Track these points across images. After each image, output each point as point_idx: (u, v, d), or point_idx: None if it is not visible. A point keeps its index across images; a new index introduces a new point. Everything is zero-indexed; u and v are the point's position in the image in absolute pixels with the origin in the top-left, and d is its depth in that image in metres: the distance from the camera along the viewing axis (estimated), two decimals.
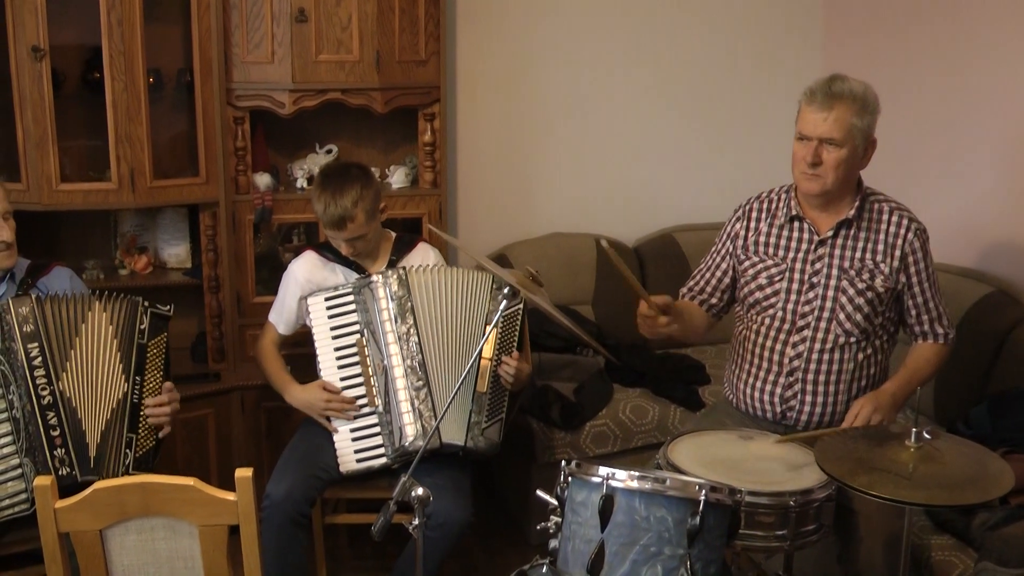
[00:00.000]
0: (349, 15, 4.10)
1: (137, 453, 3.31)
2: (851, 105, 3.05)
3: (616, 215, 5.15)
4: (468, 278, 3.59)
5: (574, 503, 2.51)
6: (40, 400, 3.22)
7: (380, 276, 3.55)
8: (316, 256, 3.74)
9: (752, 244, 3.33)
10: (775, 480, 2.78)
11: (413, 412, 3.48)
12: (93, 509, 2.29)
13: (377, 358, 3.54)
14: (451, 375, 3.51)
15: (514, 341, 3.57)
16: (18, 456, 3.21)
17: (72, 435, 3.24)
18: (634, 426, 4.23)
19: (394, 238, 3.80)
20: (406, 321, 3.52)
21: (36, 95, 3.89)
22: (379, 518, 2.74)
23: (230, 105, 4.17)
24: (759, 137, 5.19)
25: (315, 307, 3.59)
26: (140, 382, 3.33)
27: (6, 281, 3.43)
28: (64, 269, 3.60)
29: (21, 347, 3.22)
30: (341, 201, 3.50)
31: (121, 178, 4.01)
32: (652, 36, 5.06)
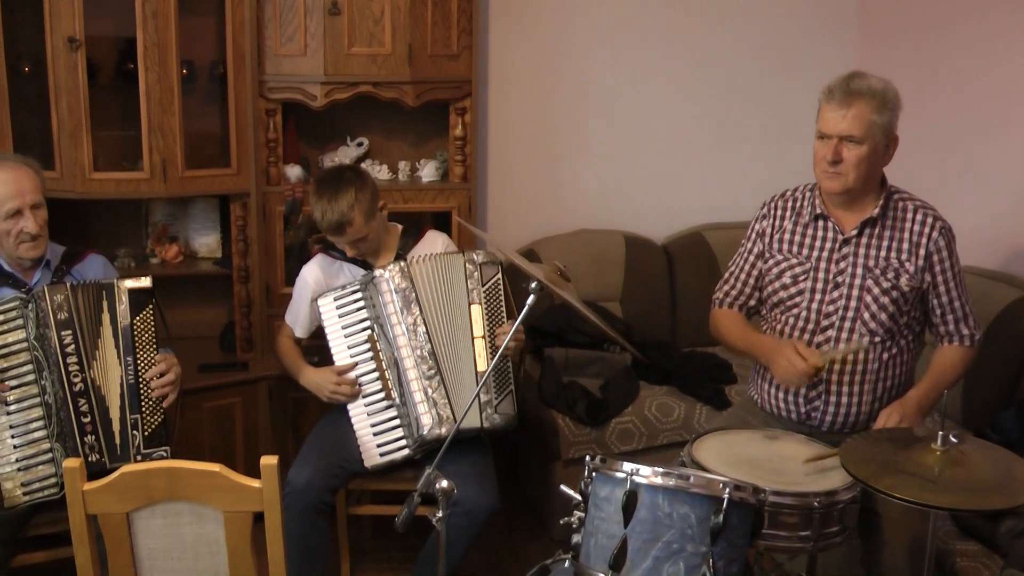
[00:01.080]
0: (382, 8, 4.11)
1: (145, 432, 3.34)
2: (870, 102, 3.03)
3: (645, 212, 5.14)
4: (447, 262, 3.62)
5: (598, 498, 2.52)
6: (72, 387, 3.27)
7: (383, 271, 3.58)
8: (325, 257, 3.77)
9: (777, 243, 3.31)
10: (799, 480, 2.77)
11: (427, 401, 3.51)
12: (120, 492, 2.32)
13: (388, 351, 3.56)
14: (459, 361, 3.55)
15: (502, 312, 3.60)
16: (49, 441, 3.26)
17: (102, 422, 3.29)
18: (660, 424, 4.23)
19: (400, 231, 3.81)
20: (412, 312, 3.55)
21: (71, 85, 3.94)
22: (403, 510, 2.76)
23: (262, 97, 4.19)
24: (791, 135, 5.16)
25: (325, 307, 3.63)
26: (133, 362, 3.35)
27: (41, 268, 3.47)
28: (98, 256, 3.65)
29: (55, 334, 3.27)
30: (337, 206, 3.51)
31: (153, 168, 4.05)
32: (684, 33, 5.05)
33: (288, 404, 4.28)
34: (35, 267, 3.47)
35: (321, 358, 3.73)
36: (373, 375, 3.58)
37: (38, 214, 3.37)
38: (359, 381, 3.59)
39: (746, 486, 2.47)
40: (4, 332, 3.27)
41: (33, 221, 3.35)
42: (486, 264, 3.61)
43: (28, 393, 3.28)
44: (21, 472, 3.24)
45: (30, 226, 3.34)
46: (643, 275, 4.90)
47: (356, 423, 3.58)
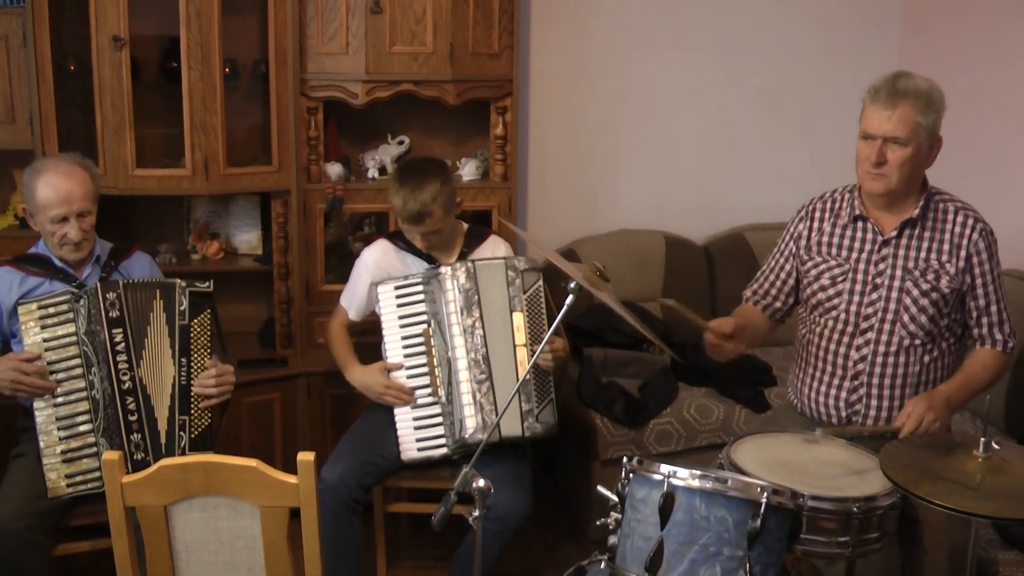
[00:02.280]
0: (424, 7, 4.13)
1: (192, 434, 3.38)
2: (916, 103, 2.99)
3: (685, 212, 5.12)
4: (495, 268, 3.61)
5: (634, 500, 2.51)
6: (121, 385, 3.31)
7: (449, 268, 3.57)
8: (388, 244, 3.78)
9: (815, 244, 3.28)
10: (838, 485, 2.74)
11: (474, 405, 3.50)
12: (158, 485, 2.34)
13: (442, 349, 3.56)
14: (509, 368, 3.54)
15: (543, 320, 3.59)
16: (94, 435, 3.31)
17: (148, 421, 3.32)
18: (698, 425, 4.21)
19: (466, 230, 3.82)
20: (472, 314, 3.54)
21: (115, 83, 3.98)
22: (439, 508, 2.76)
23: (304, 95, 4.22)
24: (833, 135, 5.11)
25: (385, 295, 3.62)
26: (187, 364, 3.39)
27: (91, 263, 3.52)
28: (144, 255, 3.70)
29: (106, 331, 3.31)
30: (420, 196, 3.52)
31: (195, 165, 4.08)
32: (726, 32, 5.03)
33: (327, 401, 4.30)
34: (85, 261, 3.52)
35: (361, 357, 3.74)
36: (422, 370, 3.59)
37: (84, 221, 3.41)
38: (408, 374, 3.60)
39: (784, 490, 2.45)
40: (54, 325, 3.32)
41: (76, 229, 3.39)
42: (527, 271, 3.60)
43: (75, 387, 3.32)
44: (66, 464, 3.28)
45: (73, 233, 3.39)
46: (683, 275, 4.88)
47: (398, 415, 3.59)
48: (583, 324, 4.49)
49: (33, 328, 3.31)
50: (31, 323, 3.31)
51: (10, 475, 3.36)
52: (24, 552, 3.15)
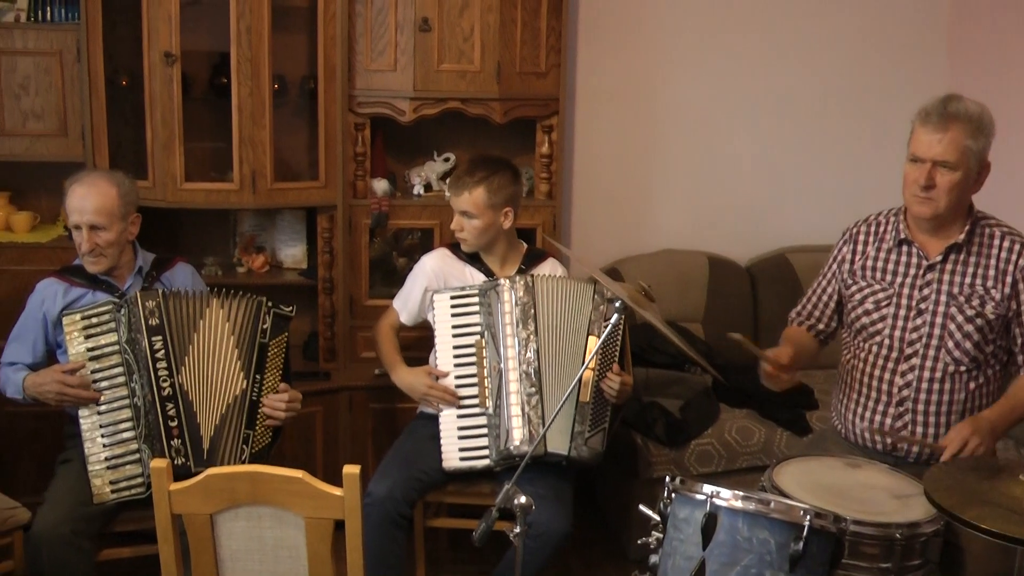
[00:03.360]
0: (472, 26, 4.15)
1: (254, 449, 3.42)
2: (966, 126, 2.97)
3: (729, 233, 5.11)
4: (574, 288, 3.61)
5: (677, 519, 2.51)
6: (160, 391, 3.35)
7: (508, 280, 3.59)
8: (448, 253, 3.82)
9: (859, 268, 3.26)
10: (881, 510, 2.71)
11: (523, 417, 3.50)
12: (205, 493, 2.37)
13: (494, 360, 3.57)
14: (563, 385, 3.53)
15: (616, 354, 3.57)
16: (137, 442, 3.36)
17: (188, 427, 3.37)
18: (739, 447, 4.19)
19: (525, 249, 3.85)
20: (527, 327, 3.55)
21: (166, 98, 4.05)
22: (481, 524, 2.76)
23: (351, 112, 4.26)
24: (878, 157, 5.09)
25: (440, 303, 3.65)
26: (260, 380, 3.45)
27: (133, 274, 3.58)
28: (187, 265, 3.76)
29: (146, 339, 3.35)
30: (472, 173, 3.63)
31: (243, 179, 4.13)
32: (772, 53, 5.02)
33: (368, 415, 4.31)
34: (126, 273, 3.58)
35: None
36: (472, 379, 3.60)
37: (98, 235, 3.46)
38: (457, 384, 3.61)
39: (827, 514, 2.44)
40: (97, 335, 3.38)
41: (87, 240, 3.46)
42: (612, 301, 3.59)
43: (118, 395, 3.37)
44: (110, 471, 3.33)
45: (83, 245, 3.47)
46: (726, 296, 4.86)
47: (443, 423, 3.60)
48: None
49: (77, 338, 3.37)
50: (75, 333, 3.37)
51: (57, 481, 3.42)
52: (70, 557, 3.19)
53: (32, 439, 4.10)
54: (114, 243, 3.49)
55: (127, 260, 3.60)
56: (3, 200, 4.40)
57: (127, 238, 3.56)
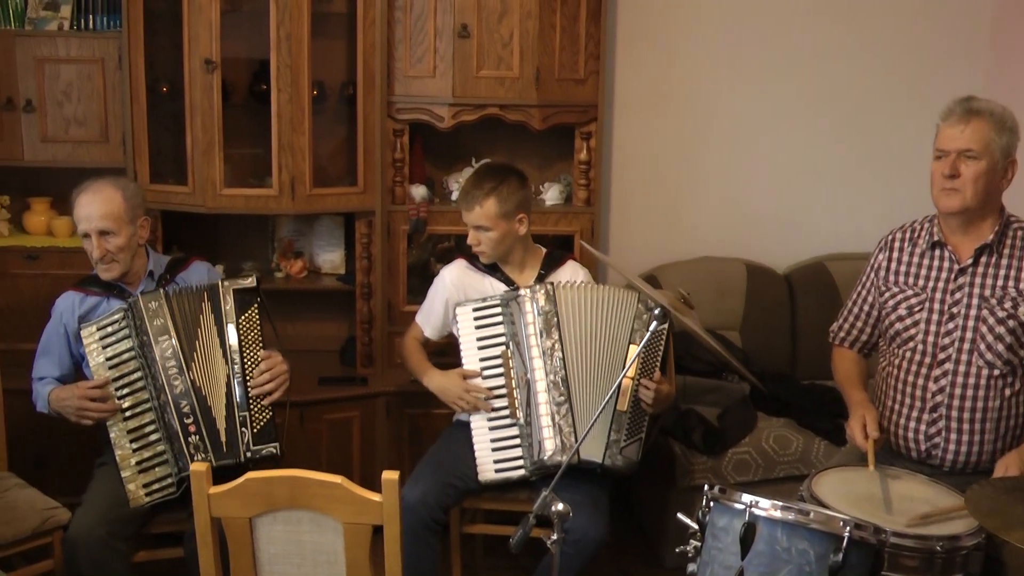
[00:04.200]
0: (511, 32, 4.16)
1: (254, 429, 3.42)
2: (989, 120, 3.01)
3: (767, 240, 5.08)
4: (615, 296, 3.58)
5: (715, 528, 2.50)
6: (173, 390, 3.39)
7: (528, 290, 3.57)
8: (466, 264, 3.80)
9: (893, 274, 3.26)
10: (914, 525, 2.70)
11: (553, 427, 3.49)
12: (244, 497, 2.38)
13: (521, 371, 3.56)
14: (592, 392, 3.52)
15: (657, 362, 3.55)
16: (163, 443, 3.38)
17: (204, 422, 3.39)
18: (777, 456, 4.16)
19: (544, 254, 3.82)
20: (551, 336, 3.53)
21: (206, 105, 4.08)
22: (518, 531, 2.76)
23: (390, 118, 4.27)
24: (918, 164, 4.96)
25: (463, 316, 3.64)
26: (240, 361, 3.44)
27: (145, 279, 3.61)
28: (202, 263, 3.77)
29: (152, 340, 3.38)
30: (480, 184, 3.61)
31: (282, 185, 4.16)
32: (810, 60, 4.98)
33: (405, 420, 4.32)
34: (138, 277, 3.61)
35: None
36: (501, 391, 3.59)
37: (108, 240, 3.47)
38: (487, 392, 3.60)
39: (867, 525, 2.43)
40: (114, 343, 3.42)
41: (97, 247, 3.47)
42: (656, 311, 3.56)
43: (140, 399, 3.41)
44: (141, 474, 3.37)
45: (93, 252, 3.49)
46: (764, 304, 4.83)
47: (476, 435, 3.59)
48: None
49: (96, 349, 3.41)
50: (93, 345, 3.41)
51: (94, 483, 3.46)
52: (106, 558, 3.23)
53: (71, 441, 4.14)
54: (124, 248, 3.50)
55: (140, 265, 3.61)
56: (44, 205, 4.46)
57: (137, 242, 3.57)
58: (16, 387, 3.75)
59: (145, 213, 3.60)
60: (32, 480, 3.68)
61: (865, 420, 3.12)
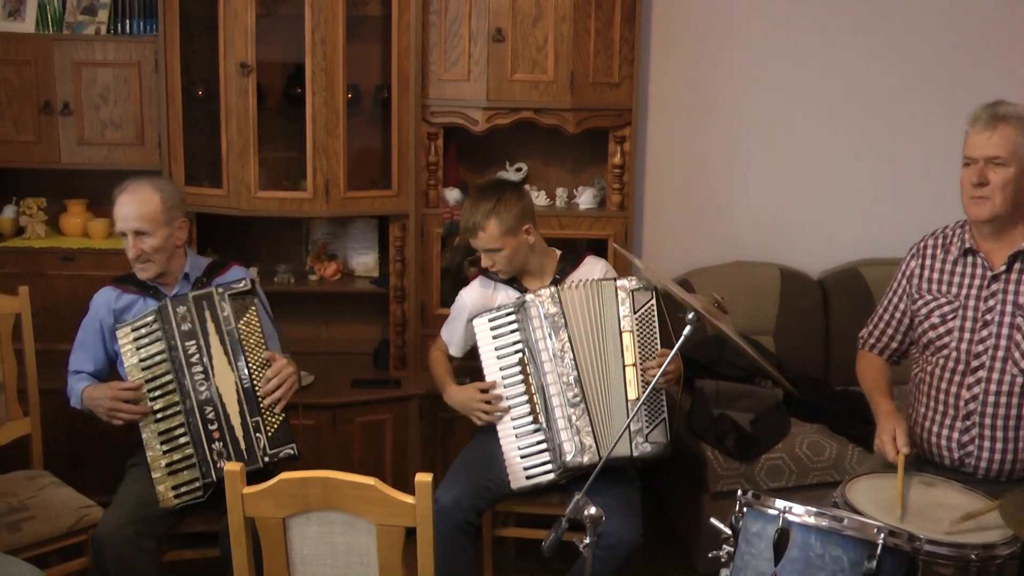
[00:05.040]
0: (545, 36, 4.16)
1: (268, 433, 3.42)
2: (1016, 125, 2.99)
3: (801, 245, 5.06)
4: (601, 289, 3.59)
5: (748, 534, 2.49)
6: (199, 396, 3.40)
7: (534, 296, 3.59)
8: (483, 280, 3.82)
9: (926, 281, 3.23)
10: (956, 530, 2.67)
11: (570, 428, 3.50)
12: (277, 498, 2.39)
13: (537, 376, 3.57)
14: (606, 388, 3.53)
15: (655, 339, 3.55)
16: (191, 447, 3.40)
17: (226, 428, 3.40)
18: (810, 462, 4.14)
19: (559, 256, 3.82)
20: (560, 338, 3.54)
21: (241, 108, 4.11)
22: (550, 534, 2.76)
23: (425, 121, 4.28)
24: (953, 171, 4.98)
25: (480, 328, 3.65)
26: (245, 366, 3.44)
27: (180, 281, 3.62)
28: (241, 268, 3.76)
29: (180, 344, 3.40)
30: (477, 209, 3.60)
31: (316, 188, 4.17)
32: (846, 65, 4.96)
33: (438, 423, 4.34)
34: (174, 279, 3.63)
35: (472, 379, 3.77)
36: (523, 398, 3.60)
37: (144, 240, 3.49)
38: (509, 404, 3.61)
39: (901, 532, 2.41)
40: (147, 345, 3.44)
41: (132, 246, 3.50)
42: (639, 290, 3.58)
43: (171, 401, 3.42)
44: (171, 476, 3.39)
45: (130, 251, 3.51)
46: (797, 309, 4.81)
47: (504, 444, 3.60)
48: (696, 356, 4.46)
49: (130, 349, 3.44)
50: (128, 345, 3.44)
51: (125, 483, 3.49)
52: (133, 557, 3.25)
53: (106, 439, 4.18)
54: (160, 248, 3.52)
55: (177, 266, 3.63)
56: (81, 207, 4.50)
57: (174, 243, 3.58)
58: (52, 387, 3.79)
59: (184, 215, 3.62)
60: (67, 479, 3.72)
61: (895, 433, 3.08)
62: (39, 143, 4.27)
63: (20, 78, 4.22)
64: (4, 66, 4.21)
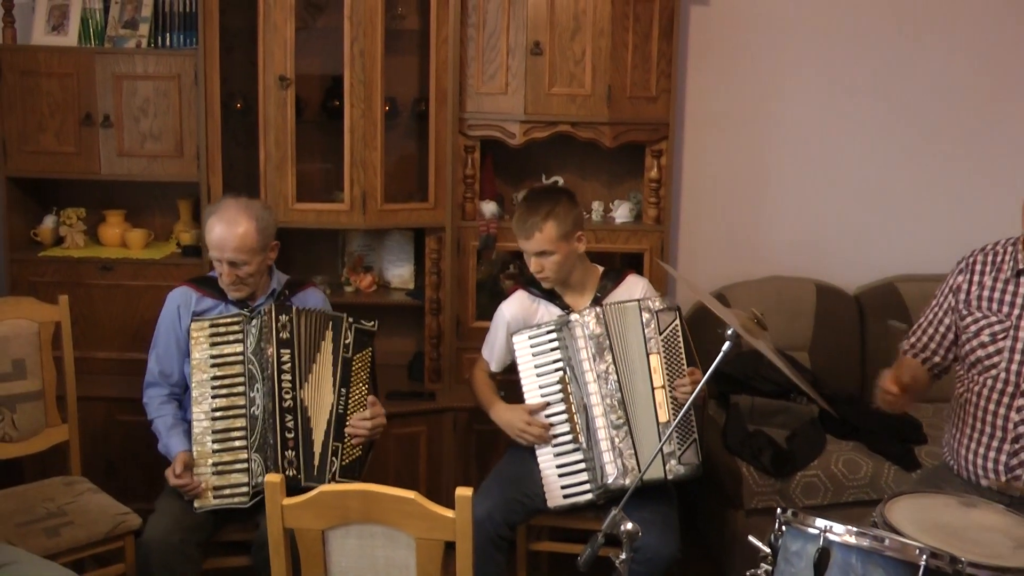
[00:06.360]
0: (583, 50, 4.17)
1: (343, 462, 3.45)
2: None
3: (837, 260, 5.04)
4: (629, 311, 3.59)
5: (788, 552, 2.47)
6: (282, 403, 3.42)
7: (578, 316, 3.58)
8: (524, 294, 3.80)
9: (975, 299, 3.19)
10: (999, 554, 2.63)
11: (613, 451, 3.49)
12: (317, 510, 2.40)
13: (579, 395, 3.57)
14: (642, 410, 3.52)
15: (682, 359, 3.55)
16: (247, 451, 3.42)
17: (303, 440, 3.42)
18: (846, 480, 4.11)
19: (600, 273, 3.82)
20: (604, 359, 3.54)
21: (280, 120, 4.13)
22: (586, 549, 2.75)
23: (462, 134, 4.30)
24: (992, 187, 4.98)
25: (520, 344, 3.65)
26: (345, 394, 3.48)
27: (266, 296, 3.66)
28: (318, 290, 3.83)
29: (275, 349, 3.43)
30: (536, 209, 3.59)
31: (353, 200, 4.19)
32: (882, 79, 4.94)
33: (472, 436, 4.33)
34: (261, 294, 3.66)
35: (509, 392, 3.77)
36: (562, 416, 3.59)
37: (238, 269, 3.51)
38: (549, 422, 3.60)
39: (943, 554, 2.38)
40: (223, 343, 3.47)
41: (228, 275, 3.52)
42: (663, 311, 3.58)
43: (235, 403, 3.45)
44: (215, 476, 3.41)
45: (224, 277, 3.54)
46: (833, 325, 4.79)
47: (542, 462, 3.59)
48: (731, 371, 4.44)
49: (203, 343, 3.46)
50: (201, 339, 3.47)
51: (167, 489, 3.50)
52: (178, 563, 3.28)
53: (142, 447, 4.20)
54: (255, 273, 3.55)
55: (263, 283, 3.66)
56: (119, 218, 4.54)
57: (267, 264, 3.62)
58: (90, 394, 3.82)
59: (275, 235, 3.63)
60: (102, 485, 3.76)
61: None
62: (79, 154, 4.31)
63: (62, 91, 4.26)
64: (47, 79, 4.25)
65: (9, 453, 3.69)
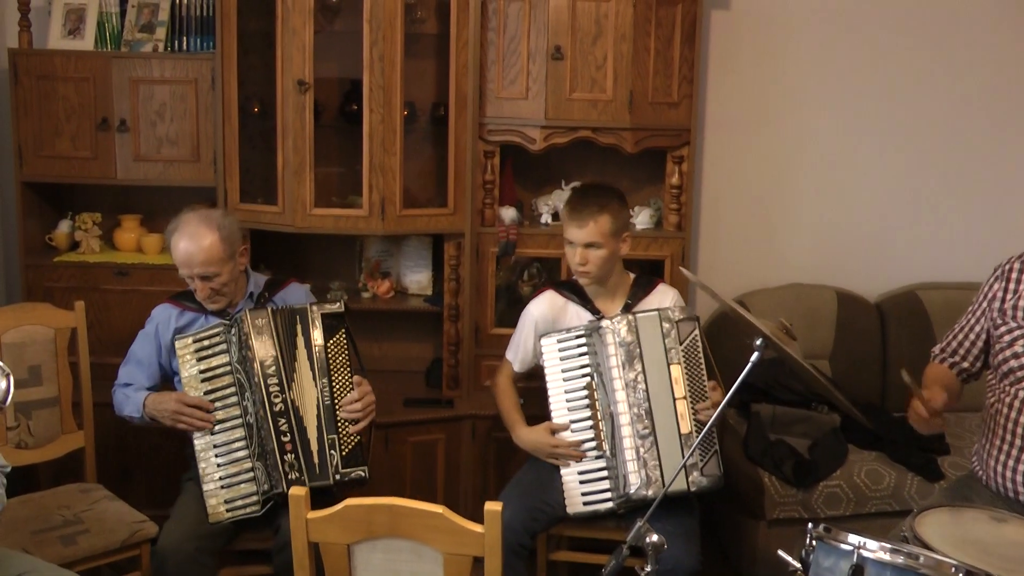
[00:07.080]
0: (604, 55, 4.13)
1: (343, 452, 3.42)
2: None
3: (859, 268, 5.00)
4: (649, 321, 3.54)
5: (820, 568, 2.42)
6: (273, 407, 3.40)
7: (610, 322, 3.54)
8: (554, 294, 3.76)
9: (1011, 308, 3.13)
10: None
11: (637, 460, 3.45)
12: (343, 524, 2.36)
13: (605, 403, 3.53)
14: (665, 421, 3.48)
15: (702, 371, 3.51)
16: (250, 460, 3.42)
17: (300, 441, 3.40)
18: (869, 491, 4.06)
19: (632, 280, 3.78)
20: (634, 368, 3.49)
21: (298, 125, 4.10)
22: (610, 561, 2.72)
23: (481, 139, 4.26)
24: (1017, 193, 4.94)
25: (548, 348, 3.61)
26: (328, 384, 3.45)
27: (244, 300, 3.63)
28: (300, 285, 3.79)
29: (255, 356, 3.39)
30: (590, 200, 3.57)
31: (372, 206, 4.15)
32: (904, 85, 4.91)
33: (491, 444, 4.30)
34: (240, 299, 3.64)
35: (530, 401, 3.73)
36: (587, 423, 3.56)
37: (210, 282, 3.48)
38: (572, 428, 3.56)
39: (979, 572, 2.34)
40: (209, 357, 3.45)
41: (200, 288, 3.50)
42: (683, 321, 3.53)
43: (231, 414, 3.43)
44: (224, 490, 3.39)
45: (198, 292, 3.51)
46: (854, 333, 4.75)
47: (564, 468, 3.56)
48: (752, 379, 4.38)
49: (189, 361, 3.44)
50: (187, 356, 3.44)
51: (182, 498, 3.50)
52: (194, 572, 3.26)
53: (156, 455, 4.21)
54: (228, 282, 3.52)
55: (241, 287, 3.64)
56: (135, 223, 4.52)
57: (239, 271, 3.59)
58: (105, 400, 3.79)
59: (242, 240, 3.60)
60: (117, 492, 3.74)
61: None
62: (95, 159, 4.29)
63: (79, 95, 4.24)
64: (63, 83, 4.23)
65: (25, 460, 3.67)
